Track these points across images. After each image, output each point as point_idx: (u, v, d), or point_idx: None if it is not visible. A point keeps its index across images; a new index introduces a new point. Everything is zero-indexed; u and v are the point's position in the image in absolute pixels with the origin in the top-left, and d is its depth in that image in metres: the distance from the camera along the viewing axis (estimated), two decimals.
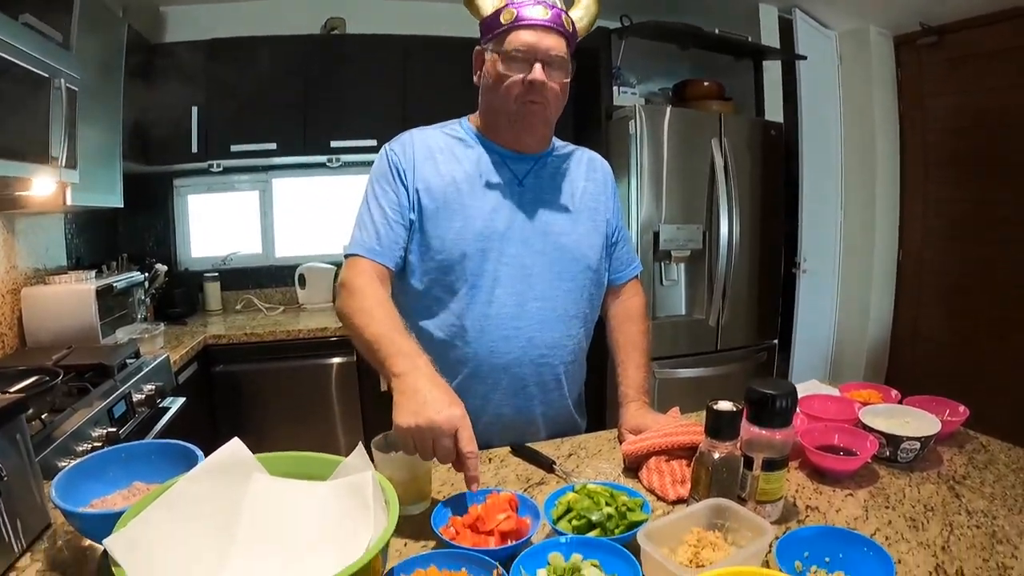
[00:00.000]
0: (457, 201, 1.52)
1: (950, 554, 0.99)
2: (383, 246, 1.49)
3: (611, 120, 3.67)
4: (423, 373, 1.17)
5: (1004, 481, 1.23)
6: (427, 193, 1.51)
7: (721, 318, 3.66)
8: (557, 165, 1.65)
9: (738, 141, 3.63)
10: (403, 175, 1.53)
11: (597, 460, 1.43)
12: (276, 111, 3.68)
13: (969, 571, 0.94)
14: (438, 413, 1.08)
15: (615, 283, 1.75)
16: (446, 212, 1.51)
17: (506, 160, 1.58)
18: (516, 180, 1.58)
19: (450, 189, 1.52)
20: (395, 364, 1.20)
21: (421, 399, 1.11)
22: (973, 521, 1.09)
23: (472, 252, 1.50)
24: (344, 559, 0.75)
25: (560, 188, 1.62)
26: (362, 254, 1.48)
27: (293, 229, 4.34)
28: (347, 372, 3.55)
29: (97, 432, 1.95)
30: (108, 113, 2.84)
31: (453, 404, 1.11)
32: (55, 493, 0.98)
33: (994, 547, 1.00)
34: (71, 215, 3.30)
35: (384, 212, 1.51)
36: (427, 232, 1.51)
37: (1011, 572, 0.93)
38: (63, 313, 2.71)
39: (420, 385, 1.14)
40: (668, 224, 3.49)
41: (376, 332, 1.28)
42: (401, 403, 1.12)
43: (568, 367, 1.62)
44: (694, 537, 0.98)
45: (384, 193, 1.53)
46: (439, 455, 1.09)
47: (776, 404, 1.06)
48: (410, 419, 1.08)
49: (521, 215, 1.56)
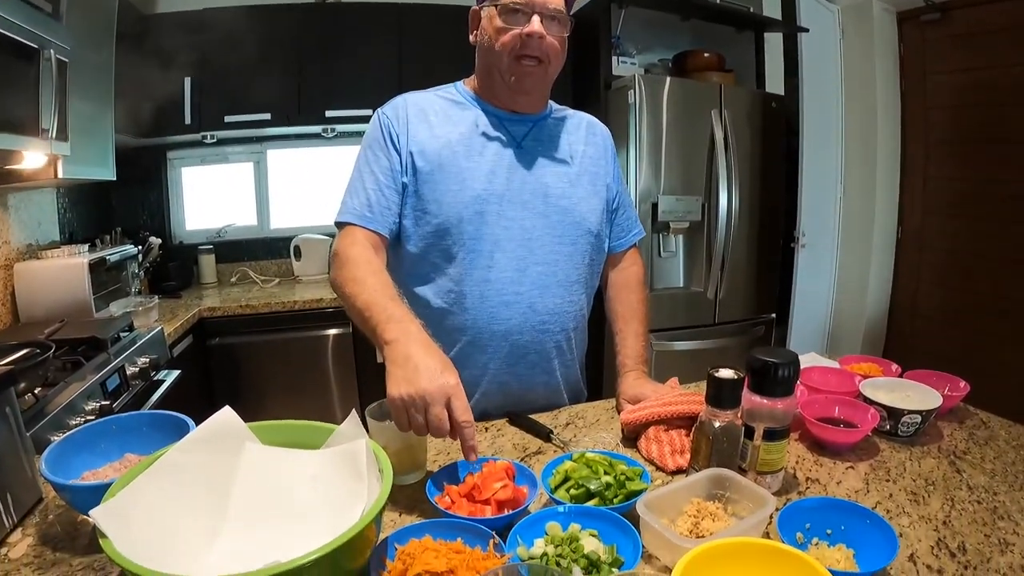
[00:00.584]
0: (453, 163, 1.48)
1: (951, 529, 0.98)
2: (375, 212, 1.45)
3: (610, 90, 3.63)
4: (415, 339, 1.14)
5: (1004, 458, 1.22)
6: (421, 155, 1.48)
7: (719, 291, 3.65)
8: (556, 128, 1.61)
9: (738, 113, 3.60)
10: (395, 139, 1.49)
11: (595, 429, 1.42)
12: (270, 81, 3.63)
13: (971, 546, 0.93)
14: (430, 382, 1.04)
15: (615, 250, 1.72)
16: (441, 175, 1.47)
17: (503, 121, 1.55)
18: (514, 142, 1.54)
19: (445, 151, 1.48)
20: (386, 331, 1.17)
21: (412, 367, 1.07)
22: (974, 496, 1.08)
23: (470, 215, 1.46)
24: (337, 528, 0.74)
25: (559, 150, 1.58)
26: (354, 222, 1.44)
27: (288, 200, 4.32)
28: (343, 343, 3.55)
29: (90, 406, 1.94)
30: (99, 84, 2.79)
31: (446, 372, 1.07)
32: (44, 466, 0.97)
33: (995, 523, 1.00)
34: (63, 189, 3.27)
35: (376, 178, 1.47)
36: (422, 196, 1.48)
37: (1013, 548, 0.92)
38: (56, 288, 2.70)
39: (412, 352, 1.10)
40: (667, 195, 3.46)
41: (367, 300, 1.25)
42: (393, 372, 1.08)
43: (570, 334, 1.59)
44: (694, 507, 0.97)
45: (376, 158, 1.49)
46: (432, 425, 1.04)
47: (778, 373, 1.04)
48: (402, 388, 1.05)
49: (520, 177, 1.52)
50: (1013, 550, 0.92)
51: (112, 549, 0.70)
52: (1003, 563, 0.89)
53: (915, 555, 0.91)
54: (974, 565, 0.89)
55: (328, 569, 0.74)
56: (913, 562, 0.90)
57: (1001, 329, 3.56)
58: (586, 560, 0.84)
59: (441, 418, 1.04)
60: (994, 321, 3.60)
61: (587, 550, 0.85)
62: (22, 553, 0.94)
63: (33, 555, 0.93)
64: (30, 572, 0.89)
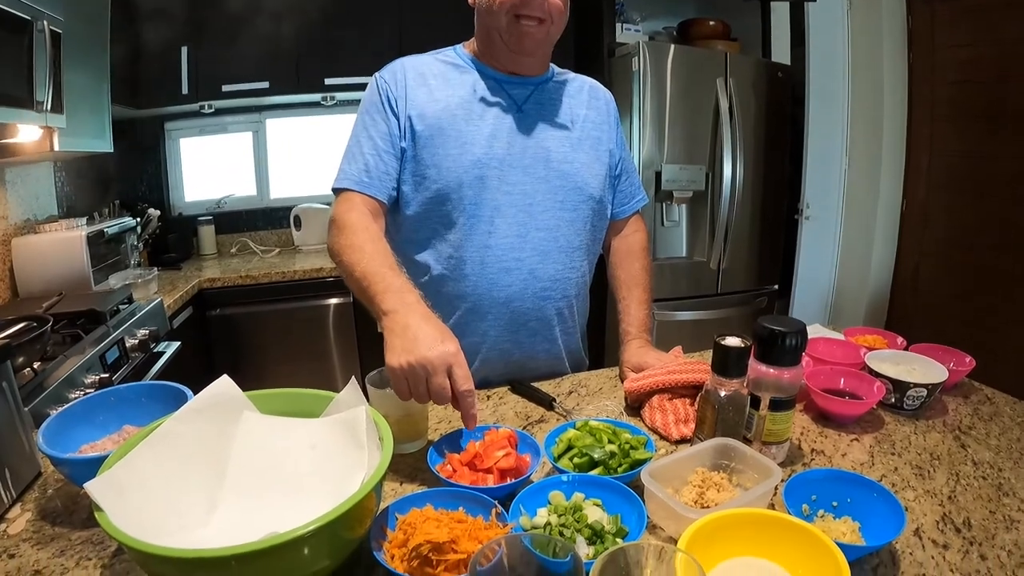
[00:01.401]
0: (452, 127, 1.45)
1: (957, 504, 0.98)
2: (372, 178, 1.43)
3: (613, 57, 3.59)
4: (413, 309, 1.11)
5: (1009, 434, 1.21)
6: (420, 119, 1.45)
7: (722, 261, 3.64)
8: (557, 91, 1.58)
9: (743, 82, 3.57)
10: (394, 103, 1.46)
11: (598, 398, 1.41)
12: (268, 49, 3.59)
13: (976, 522, 0.93)
14: (430, 350, 1.02)
15: (617, 217, 1.70)
16: (441, 139, 1.44)
17: (504, 85, 1.52)
18: (515, 105, 1.51)
19: (444, 115, 1.45)
20: (384, 301, 1.14)
21: (411, 336, 1.05)
22: (979, 472, 1.07)
23: (470, 180, 1.44)
24: (337, 498, 0.73)
25: (561, 115, 1.56)
26: (352, 188, 1.42)
27: (288, 170, 4.29)
28: (344, 313, 3.54)
29: (90, 379, 1.93)
30: (94, 55, 2.75)
31: (446, 340, 1.05)
32: (42, 440, 0.96)
33: (1000, 499, 0.99)
34: (61, 163, 3.24)
35: (374, 143, 1.45)
36: (421, 160, 1.45)
37: (1018, 526, 0.92)
38: (54, 261, 2.68)
39: (410, 322, 1.08)
40: (670, 164, 3.44)
41: (366, 269, 1.22)
42: (391, 342, 1.06)
43: (571, 301, 1.58)
44: (699, 477, 0.97)
45: (374, 123, 1.47)
46: (433, 394, 1.02)
47: (786, 342, 1.02)
48: (401, 357, 1.02)
49: (521, 141, 1.49)
50: (1018, 527, 0.91)
51: (108, 522, 0.69)
52: (1008, 540, 0.88)
53: (920, 529, 0.91)
54: (979, 541, 0.88)
55: (327, 539, 0.73)
56: (919, 536, 0.89)
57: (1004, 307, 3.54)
58: (590, 530, 0.83)
59: (443, 387, 1.02)
60: (997, 298, 3.58)
61: (591, 520, 0.84)
62: (21, 528, 0.93)
63: (32, 530, 0.93)
64: (29, 547, 0.88)
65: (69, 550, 0.88)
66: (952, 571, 0.82)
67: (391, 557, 0.79)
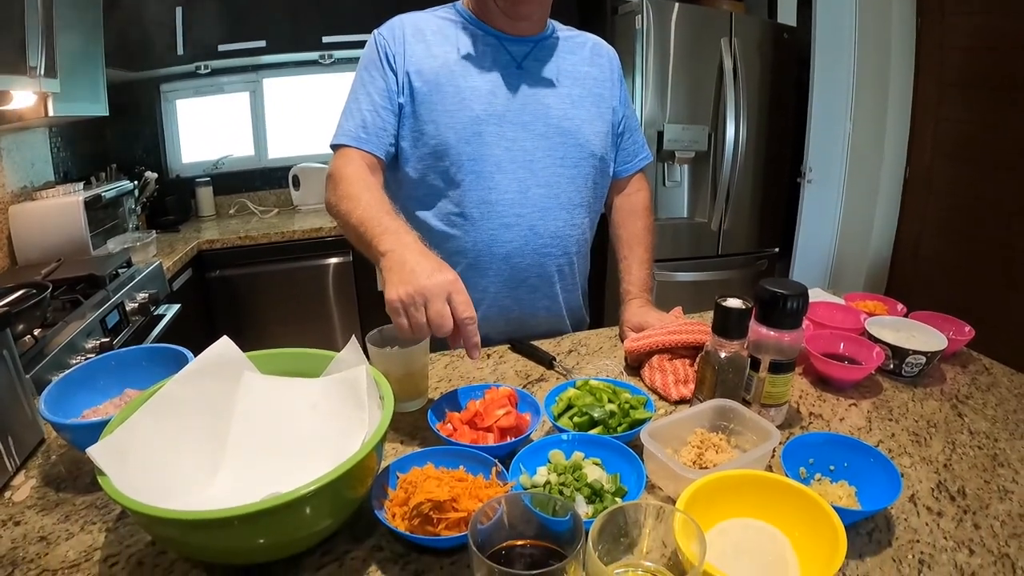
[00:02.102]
0: (451, 84, 1.44)
1: (952, 472, 0.98)
2: (370, 134, 1.42)
3: (616, 15, 3.54)
4: (411, 247, 1.10)
5: (1006, 405, 1.21)
6: (419, 76, 1.44)
7: (723, 222, 3.64)
8: (558, 48, 1.56)
9: (748, 43, 3.52)
10: (392, 59, 1.45)
11: (598, 357, 1.41)
12: (264, 7, 3.54)
13: (971, 491, 0.93)
14: (428, 278, 1.01)
15: (620, 175, 1.69)
16: (439, 95, 1.43)
17: (503, 42, 1.50)
18: (515, 63, 1.50)
19: (443, 71, 1.44)
20: (381, 243, 1.13)
21: (409, 269, 1.03)
22: (975, 442, 1.08)
23: (468, 136, 1.43)
24: (338, 457, 0.73)
25: (561, 71, 1.54)
26: (349, 143, 1.41)
27: (286, 130, 4.25)
28: (344, 272, 3.56)
29: (91, 343, 1.94)
30: (88, 18, 2.73)
31: (443, 269, 1.03)
32: (43, 406, 0.96)
33: (995, 469, 0.99)
34: (56, 128, 3.22)
35: (372, 99, 1.44)
36: (420, 117, 1.44)
37: (1012, 496, 0.92)
38: (52, 228, 2.67)
39: (407, 257, 1.06)
40: (673, 124, 3.41)
41: (362, 215, 1.21)
42: (389, 278, 1.05)
43: (572, 258, 1.58)
44: (698, 438, 0.97)
45: (372, 79, 1.45)
46: (433, 323, 0.99)
47: (787, 305, 1.02)
48: (399, 289, 1.00)
49: (520, 98, 1.48)
50: (1012, 498, 0.92)
51: (111, 486, 0.69)
52: (1002, 510, 0.89)
53: (916, 496, 0.92)
54: (973, 510, 0.89)
55: (329, 499, 0.73)
56: (914, 503, 0.90)
57: (1005, 277, 3.53)
58: (589, 489, 0.84)
59: (443, 314, 0.99)
60: (998, 268, 3.57)
61: (590, 479, 0.85)
62: (26, 496, 0.94)
63: (37, 497, 0.93)
64: (34, 514, 0.89)
65: (74, 515, 0.88)
66: (946, 538, 0.83)
67: (392, 516, 0.80)
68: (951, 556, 0.79)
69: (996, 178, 3.55)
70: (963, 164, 3.76)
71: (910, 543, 0.82)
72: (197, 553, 0.76)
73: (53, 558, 0.80)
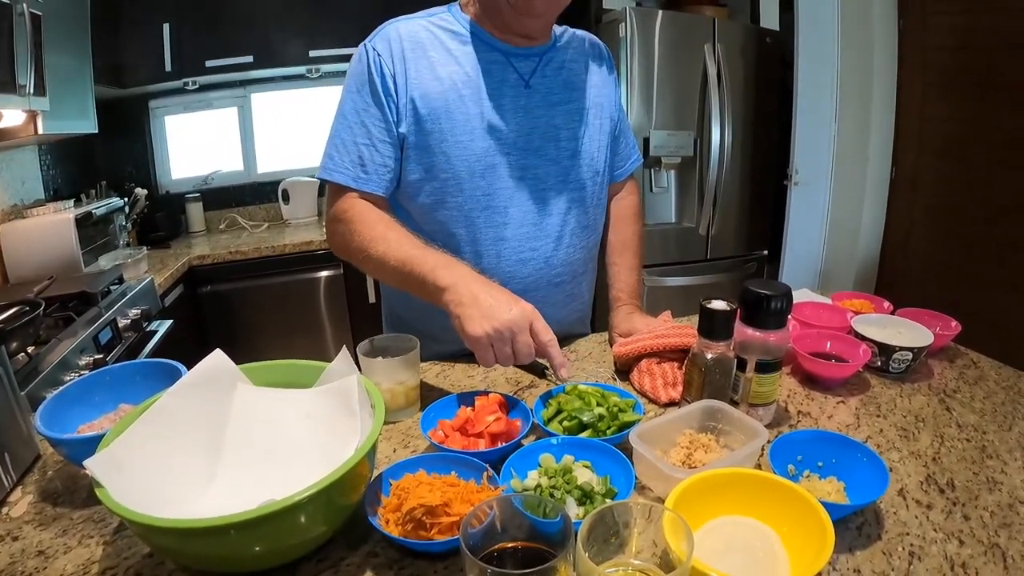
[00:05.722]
0: (460, 111, 1.34)
1: (940, 465, 0.99)
2: (369, 173, 1.33)
3: (600, 23, 3.57)
4: (472, 278, 1.12)
5: (994, 398, 1.22)
6: (424, 101, 1.32)
7: (711, 227, 3.66)
8: (562, 60, 1.47)
9: (732, 48, 3.55)
10: (389, 81, 1.32)
11: (587, 363, 1.42)
12: (251, 22, 3.56)
13: (960, 483, 0.94)
14: (509, 312, 1.05)
15: (615, 180, 1.65)
16: (448, 123, 1.33)
17: (509, 58, 1.39)
18: (522, 81, 1.40)
19: (451, 95, 1.33)
20: (439, 278, 1.13)
21: (486, 304, 1.06)
22: (963, 435, 1.09)
23: (482, 169, 1.36)
24: (332, 464, 0.74)
25: (568, 87, 1.46)
26: (348, 184, 1.33)
27: (274, 144, 4.27)
28: (335, 285, 3.57)
29: (84, 360, 1.94)
30: (76, 36, 2.74)
31: (518, 300, 1.09)
32: (39, 422, 0.96)
33: (984, 461, 1.00)
34: (45, 146, 3.23)
35: (368, 131, 1.33)
36: (429, 149, 1.34)
37: (1001, 487, 0.93)
38: (43, 245, 2.67)
39: (476, 291, 1.09)
40: (659, 130, 3.43)
41: (401, 255, 1.20)
42: (466, 313, 1.07)
43: (581, 280, 1.57)
44: (687, 439, 0.98)
45: (366, 107, 1.33)
46: (520, 353, 1.06)
47: (771, 305, 1.04)
48: (484, 325, 1.04)
49: (530, 121, 1.40)
50: (1001, 489, 0.93)
51: (108, 498, 0.70)
52: (991, 501, 0.90)
53: (904, 490, 0.92)
54: (962, 502, 0.90)
55: (323, 506, 0.74)
56: (903, 497, 0.91)
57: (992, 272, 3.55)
58: (580, 491, 0.85)
59: (529, 343, 1.06)
60: (985, 264, 3.59)
61: (580, 481, 0.86)
62: (23, 511, 0.94)
63: (34, 512, 0.94)
64: (32, 529, 0.89)
65: (71, 529, 0.89)
66: (935, 530, 0.83)
67: (386, 522, 0.80)
68: (941, 547, 0.80)
69: (982, 175, 3.58)
70: (948, 162, 3.79)
71: (900, 536, 0.82)
72: (195, 562, 0.76)
73: (52, 572, 0.80)
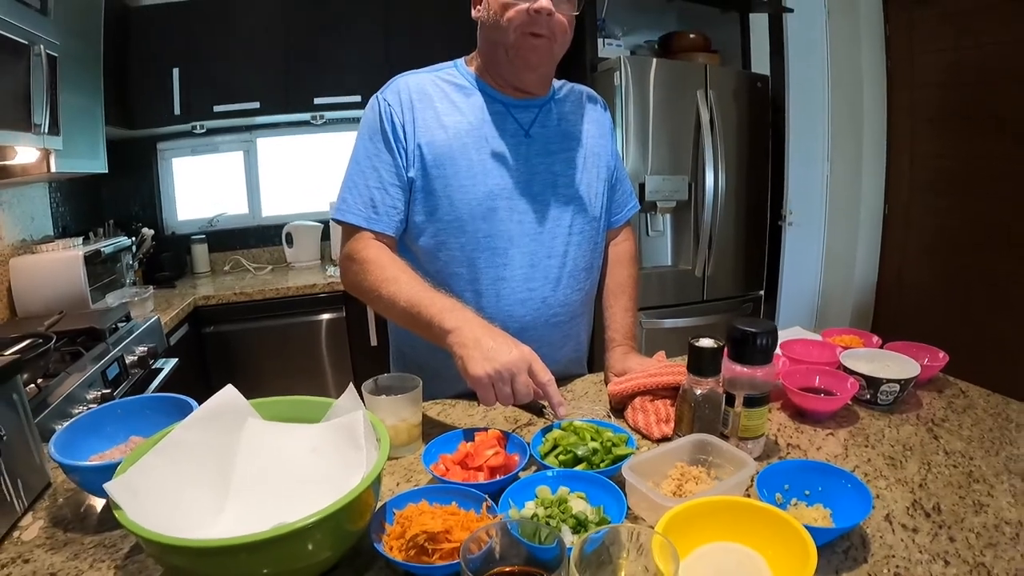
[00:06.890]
0: (464, 157, 1.42)
1: (927, 491, 1.01)
2: (380, 214, 1.42)
3: (596, 72, 3.63)
4: (476, 323, 1.20)
5: (982, 425, 1.24)
6: (430, 148, 1.42)
7: (707, 268, 3.68)
8: (560, 111, 1.56)
9: (724, 93, 3.61)
10: (399, 130, 1.42)
11: (584, 401, 1.45)
12: (258, 69, 3.66)
13: (946, 507, 0.96)
14: (509, 354, 1.13)
15: (612, 226, 1.71)
16: (452, 169, 1.42)
17: (510, 109, 1.49)
18: (522, 131, 1.49)
19: (455, 144, 1.42)
20: (445, 321, 1.21)
21: (487, 346, 1.14)
22: (950, 461, 1.11)
23: (483, 212, 1.43)
24: (338, 493, 0.77)
25: (566, 137, 1.55)
26: (360, 224, 1.42)
27: (279, 188, 4.34)
28: (337, 327, 3.58)
29: (92, 394, 1.96)
30: (89, 78, 2.81)
31: (517, 344, 1.16)
32: (54, 449, 0.99)
33: (971, 485, 1.02)
34: (55, 184, 3.29)
35: (379, 174, 1.42)
36: (434, 192, 1.43)
37: (987, 510, 0.95)
38: (52, 281, 2.72)
39: (478, 334, 1.16)
40: (654, 175, 3.47)
41: (411, 297, 1.28)
42: (468, 355, 1.14)
43: (579, 320, 1.62)
44: (678, 471, 1.01)
45: (377, 153, 1.43)
46: (519, 393, 1.12)
47: (757, 342, 1.08)
48: (485, 366, 1.11)
49: (529, 168, 1.48)
50: (987, 511, 0.95)
51: (126, 519, 0.74)
52: (977, 523, 0.92)
53: (891, 515, 0.94)
54: (948, 524, 0.91)
55: (331, 531, 0.78)
56: (889, 521, 0.93)
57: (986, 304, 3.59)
58: (574, 520, 0.87)
59: (528, 383, 1.13)
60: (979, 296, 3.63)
61: (575, 511, 0.89)
62: (34, 535, 0.96)
63: (45, 536, 0.96)
64: (43, 552, 0.92)
65: (82, 553, 0.91)
66: (921, 552, 0.85)
67: (390, 548, 0.83)
68: (927, 568, 0.82)
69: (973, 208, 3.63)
70: (940, 196, 3.85)
71: (886, 558, 0.84)
72: None
73: None
